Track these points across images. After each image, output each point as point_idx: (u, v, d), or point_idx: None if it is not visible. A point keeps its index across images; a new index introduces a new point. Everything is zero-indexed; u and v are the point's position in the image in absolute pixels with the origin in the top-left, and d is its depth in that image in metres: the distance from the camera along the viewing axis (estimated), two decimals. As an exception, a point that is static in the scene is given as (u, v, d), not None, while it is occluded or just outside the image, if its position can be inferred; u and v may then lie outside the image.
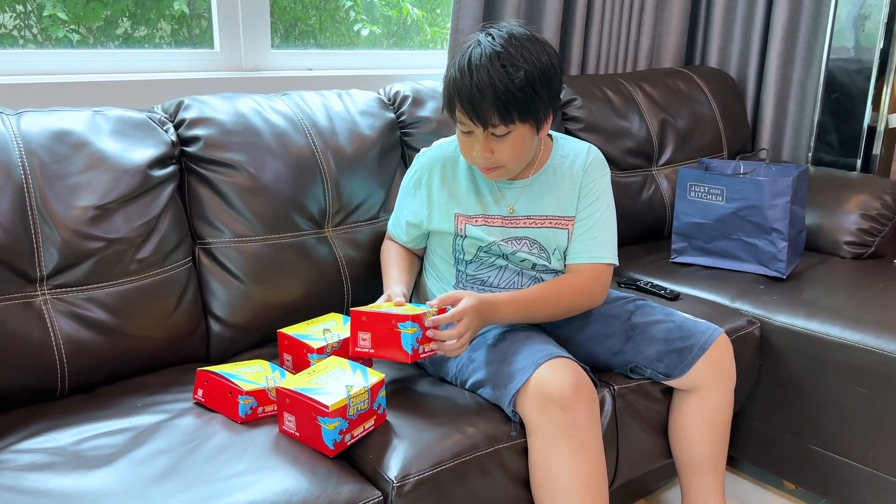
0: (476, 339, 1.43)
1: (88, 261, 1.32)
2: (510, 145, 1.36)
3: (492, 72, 1.28)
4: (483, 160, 1.37)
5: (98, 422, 1.23)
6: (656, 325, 1.51)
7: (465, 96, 1.30)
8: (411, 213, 1.53)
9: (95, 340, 1.33)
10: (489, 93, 1.28)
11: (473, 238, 1.47)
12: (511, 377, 1.30)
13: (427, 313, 1.26)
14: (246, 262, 1.51)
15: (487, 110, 1.29)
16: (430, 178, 1.50)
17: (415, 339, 1.25)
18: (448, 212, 1.48)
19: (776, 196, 1.88)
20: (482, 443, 1.24)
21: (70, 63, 1.75)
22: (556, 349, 1.35)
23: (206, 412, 1.27)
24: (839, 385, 1.69)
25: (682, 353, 1.48)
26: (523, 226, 1.48)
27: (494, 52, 1.30)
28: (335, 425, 1.16)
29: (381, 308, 1.29)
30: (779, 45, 2.54)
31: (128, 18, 2.26)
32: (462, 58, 1.32)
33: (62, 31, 2.16)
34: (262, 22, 1.95)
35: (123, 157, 1.39)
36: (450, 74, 1.33)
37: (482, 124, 1.32)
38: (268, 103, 1.64)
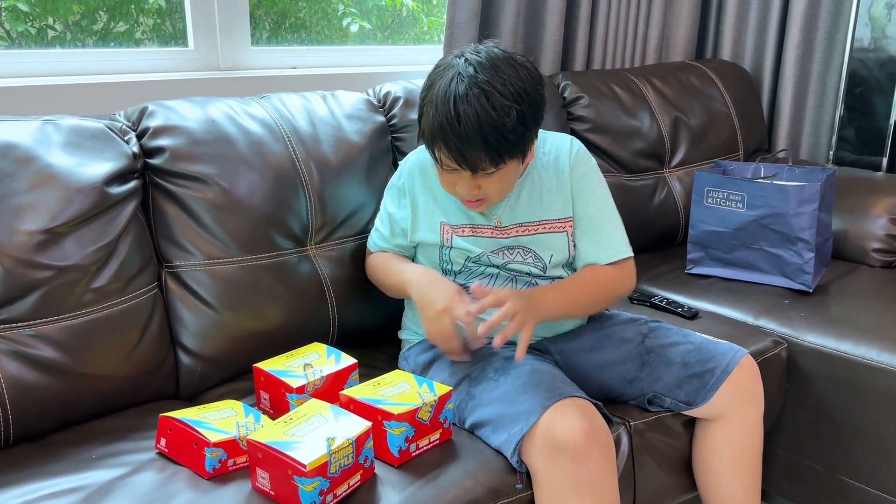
0: (476, 372, 1.28)
1: (35, 293, 1.17)
2: (497, 181, 1.26)
3: (481, 115, 1.16)
4: (469, 196, 1.28)
5: (46, 478, 1.07)
6: (673, 347, 1.37)
7: (451, 142, 1.18)
8: (397, 224, 1.42)
9: (44, 382, 1.17)
10: (479, 140, 1.17)
11: (460, 249, 1.37)
12: (515, 421, 1.15)
13: (422, 408, 1.14)
14: (218, 286, 1.35)
15: (477, 157, 1.19)
16: (414, 186, 1.39)
17: (403, 440, 1.12)
18: (433, 221, 1.38)
19: (803, 203, 1.72)
20: (483, 498, 1.09)
21: (24, 64, 1.59)
22: (565, 387, 1.19)
23: (170, 464, 1.12)
24: (875, 413, 1.53)
25: (703, 377, 1.33)
26: (515, 234, 1.37)
27: (481, 92, 1.17)
28: (314, 486, 1.00)
29: (368, 396, 1.15)
30: (797, 37, 2.37)
31: (105, 13, 2.10)
32: (444, 96, 1.18)
33: (22, 26, 1.99)
34: (240, 17, 1.79)
35: (76, 172, 1.23)
36: (431, 114, 1.20)
37: (470, 169, 1.22)
38: (243, 108, 1.47)
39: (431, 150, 1.24)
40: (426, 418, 1.13)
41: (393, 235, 1.43)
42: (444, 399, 1.16)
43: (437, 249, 1.39)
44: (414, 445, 1.13)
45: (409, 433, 1.11)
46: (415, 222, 1.40)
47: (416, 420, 1.12)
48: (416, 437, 1.13)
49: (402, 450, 1.12)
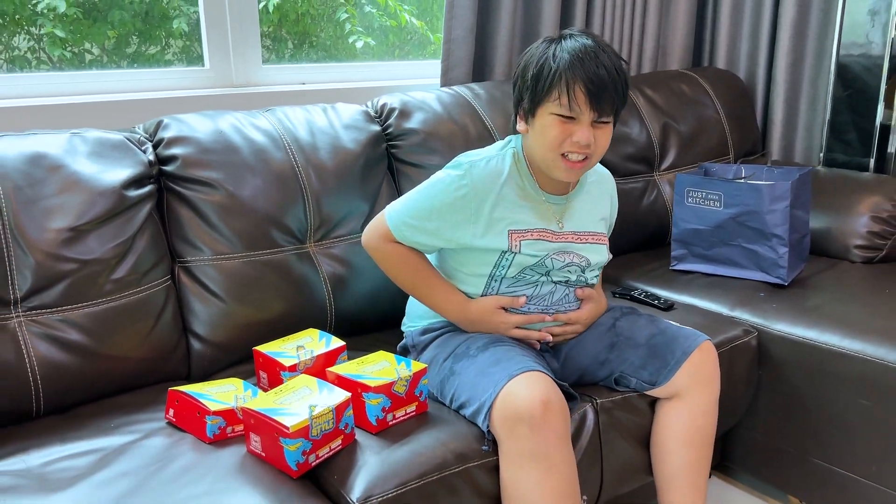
0: (461, 349, 1.40)
1: (62, 282, 1.34)
2: (605, 136, 1.37)
3: (612, 59, 1.32)
4: (583, 148, 1.35)
5: (69, 443, 1.24)
6: (640, 330, 1.49)
7: (591, 75, 1.30)
8: (446, 227, 1.42)
9: (71, 362, 1.34)
10: (613, 78, 1.31)
11: (527, 254, 1.41)
12: (484, 390, 1.27)
13: (397, 382, 1.26)
14: (226, 279, 1.51)
15: (609, 99, 1.32)
16: (483, 197, 1.40)
17: (380, 410, 1.25)
18: (501, 229, 1.41)
19: (775, 200, 1.82)
20: (451, 461, 1.22)
21: (60, 85, 1.77)
22: (532, 363, 1.31)
23: (177, 432, 1.27)
24: (842, 397, 1.63)
25: (664, 358, 1.45)
26: (571, 241, 1.47)
27: (603, 42, 1.35)
28: (297, 446, 1.15)
29: (351, 372, 1.29)
30: (787, 43, 2.47)
31: (137, 37, 2.30)
32: (572, 45, 1.32)
33: (58, 50, 2.20)
34: (252, 38, 1.96)
35: (98, 178, 1.40)
36: (562, 58, 1.32)
37: (598, 110, 1.32)
38: (249, 120, 1.64)
39: (564, 92, 1.31)
40: (402, 391, 1.27)
41: (429, 235, 1.43)
42: (418, 375, 1.29)
43: (497, 255, 1.42)
44: (391, 415, 1.27)
45: (385, 404, 1.25)
46: (479, 231, 1.40)
47: (392, 392, 1.26)
48: (392, 407, 1.26)
49: (380, 419, 1.25)
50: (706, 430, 1.47)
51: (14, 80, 1.73)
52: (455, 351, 1.41)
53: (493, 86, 2.05)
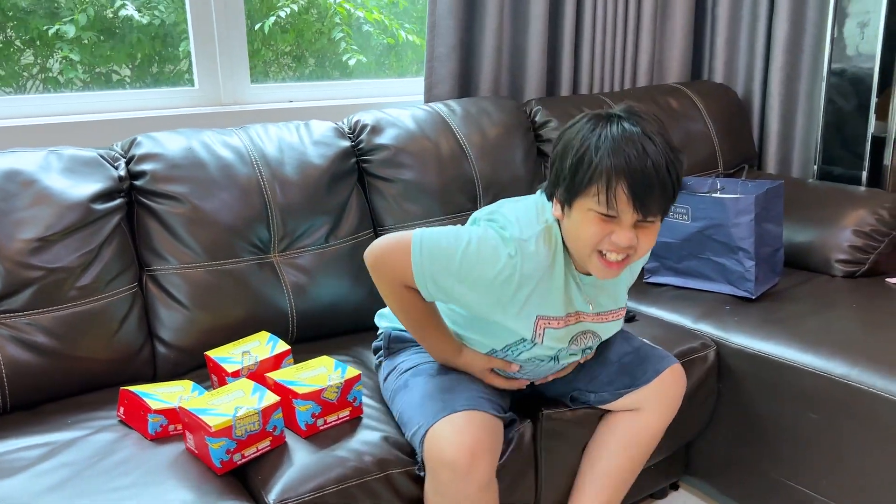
0: (423, 366, 1.42)
1: (30, 288, 1.45)
2: (650, 236, 1.23)
3: (665, 157, 1.16)
4: (625, 250, 1.21)
5: (27, 436, 1.34)
6: (612, 348, 1.51)
7: (637, 179, 1.14)
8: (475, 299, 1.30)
9: (38, 362, 1.45)
10: (663, 180, 1.16)
11: (547, 346, 1.34)
12: (422, 418, 1.28)
13: (327, 388, 1.33)
14: (190, 288, 1.60)
15: (657, 200, 1.17)
16: (526, 282, 1.28)
17: (310, 415, 1.32)
18: (530, 316, 1.31)
19: (740, 214, 1.83)
20: (373, 468, 1.28)
21: (58, 105, 1.91)
22: (479, 395, 1.32)
23: (125, 429, 1.37)
24: (792, 410, 1.63)
25: (634, 375, 1.47)
26: (592, 321, 1.38)
27: (659, 136, 1.18)
28: (221, 445, 1.23)
29: (286, 378, 1.36)
30: (781, 57, 2.46)
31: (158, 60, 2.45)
32: (621, 137, 1.16)
33: (73, 73, 2.36)
34: (240, 59, 2.07)
35: (68, 192, 1.51)
36: (607, 154, 1.15)
37: (643, 212, 1.17)
38: (222, 137, 1.73)
39: (605, 190, 1.16)
40: (333, 398, 1.34)
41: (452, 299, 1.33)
42: (350, 382, 1.36)
43: (516, 339, 1.34)
44: (321, 420, 1.33)
45: (314, 410, 1.32)
46: (510, 316, 1.30)
47: (322, 399, 1.32)
48: (322, 413, 1.33)
49: (309, 424, 1.32)
50: (646, 447, 1.49)
51: (14, 101, 1.87)
52: (418, 365, 1.42)
53: (470, 102, 2.10)
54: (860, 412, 1.51)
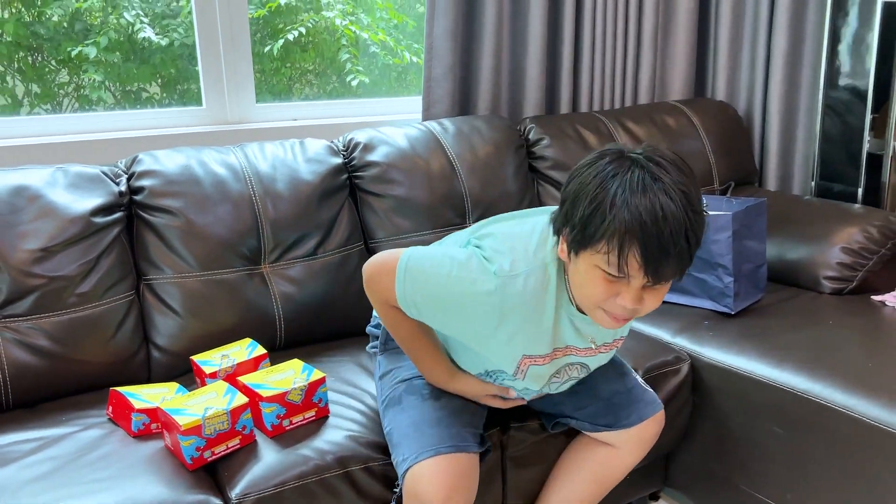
0: (417, 381, 1.43)
1: (32, 295, 1.57)
2: (660, 296, 1.15)
3: (688, 223, 1.06)
4: (629, 312, 1.15)
5: (24, 431, 1.45)
6: (605, 384, 1.50)
7: (651, 245, 1.05)
8: (463, 332, 1.31)
9: (38, 363, 1.57)
10: (682, 248, 1.07)
11: (529, 381, 1.34)
12: (408, 450, 1.32)
13: (291, 391, 1.41)
14: (183, 296, 1.71)
15: (671, 267, 1.08)
16: (517, 326, 1.25)
17: (275, 416, 1.41)
18: (515, 353, 1.29)
19: (717, 231, 1.87)
20: (333, 465, 1.36)
21: (73, 124, 2.04)
22: (456, 436, 1.33)
23: (112, 426, 1.47)
24: (760, 424, 1.66)
25: (618, 416, 1.49)
26: (582, 354, 1.34)
27: (683, 195, 1.07)
28: (191, 442, 1.32)
29: (254, 381, 1.45)
30: (780, 74, 2.49)
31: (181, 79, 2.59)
32: (641, 194, 1.05)
33: (97, 93, 2.51)
34: (245, 79, 2.18)
35: (71, 207, 1.64)
36: (622, 213, 1.06)
37: (654, 279, 1.09)
38: (219, 155, 1.84)
39: (616, 252, 1.07)
40: (297, 399, 1.42)
41: (437, 324, 1.34)
42: (314, 385, 1.44)
43: (495, 368, 1.34)
44: (287, 421, 1.42)
45: (279, 411, 1.41)
46: (494, 350, 1.30)
47: (287, 401, 1.41)
48: (287, 414, 1.42)
49: (275, 424, 1.41)
50: (614, 480, 1.54)
51: (32, 121, 2.01)
52: (412, 379, 1.44)
53: (463, 121, 2.18)
54: (820, 427, 1.54)
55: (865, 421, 1.46)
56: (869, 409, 1.47)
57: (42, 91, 2.56)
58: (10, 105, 2.52)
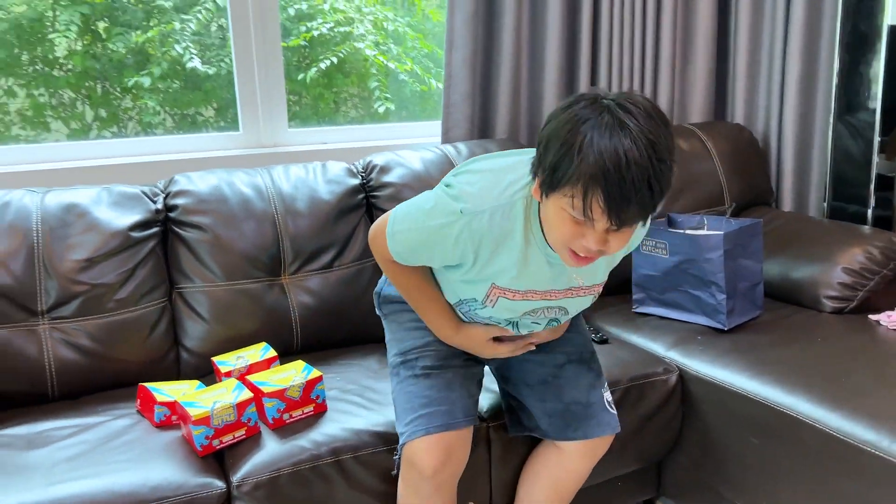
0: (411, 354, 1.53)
1: (77, 299, 1.78)
2: (625, 238, 1.19)
3: (652, 168, 1.09)
4: (593, 251, 1.19)
5: (64, 419, 1.66)
6: (571, 390, 1.57)
7: (613, 192, 1.09)
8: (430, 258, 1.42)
9: (80, 360, 1.78)
10: (643, 193, 1.10)
11: (497, 310, 1.41)
12: (406, 425, 1.47)
13: (290, 388, 1.57)
14: (210, 304, 1.90)
15: (633, 212, 1.12)
16: (480, 246, 1.31)
17: (276, 410, 1.57)
18: (485, 281, 1.35)
19: (710, 250, 1.95)
20: (326, 454, 1.52)
21: (125, 148, 2.28)
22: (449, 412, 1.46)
23: (139, 417, 1.66)
24: (739, 435, 1.74)
25: (568, 425, 1.56)
26: (562, 297, 1.39)
27: (650, 143, 1.09)
28: (201, 431, 1.50)
29: (259, 379, 1.61)
30: (794, 98, 2.55)
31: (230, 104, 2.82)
32: (608, 141, 1.08)
33: (150, 118, 2.76)
34: (279, 106, 2.38)
35: (113, 222, 1.85)
36: (589, 159, 1.09)
37: (618, 224, 1.14)
38: (247, 177, 2.03)
39: (581, 196, 1.12)
40: (296, 395, 1.58)
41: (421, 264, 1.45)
42: (312, 382, 1.60)
43: (470, 297, 1.42)
44: (287, 415, 1.58)
45: (280, 406, 1.57)
46: (464, 274, 1.37)
47: (286, 397, 1.57)
48: (287, 409, 1.58)
49: (276, 418, 1.57)
50: (569, 485, 1.63)
51: (86, 146, 2.25)
52: (407, 354, 1.54)
53: (477, 144, 2.33)
54: (791, 438, 1.61)
55: (831, 433, 1.53)
56: (835, 421, 1.54)
57: (108, 116, 2.83)
58: (81, 129, 2.80)
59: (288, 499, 1.48)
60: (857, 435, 1.49)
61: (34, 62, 2.67)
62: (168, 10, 2.73)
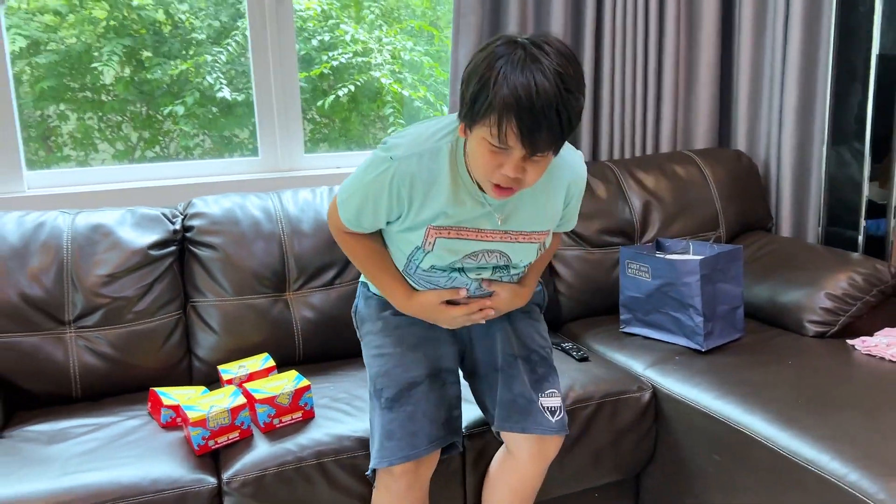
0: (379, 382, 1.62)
1: (99, 311, 1.98)
2: (539, 169, 1.32)
3: (560, 97, 1.21)
4: (511, 182, 1.32)
5: (85, 418, 1.85)
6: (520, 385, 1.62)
7: (524, 117, 1.21)
8: (375, 213, 1.50)
9: (102, 365, 1.97)
10: (552, 120, 1.22)
11: (437, 253, 1.48)
12: (376, 451, 1.58)
13: (280, 395, 1.72)
14: (220, 317, 2.08)
15: (544, 139, 1.24)
16: (412, 189, 1.42)
17: (267, 416, 1.73)
18: (421, 226, 1.45)
19: (687, 274, 2.05)
20: (309, 457, 1.67)
21: (154, 172, 2.48)
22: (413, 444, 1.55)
23: (148, 418, 1.84)
24: (704, 452, 1.83)
25: (511, 417, 1.62)
26: (498, 239, 1.48)
27: (558, 74, 1.22)
28: (198, 432, 1.66)
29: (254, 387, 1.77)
30: (791, 126, 2.62)
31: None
32: (521, 72, 1.21)
33: (186, 142, 2.99)
34: (296, 133, 2.56)
35: (134, 241, 2.04)
36: (503, 88, 1.22)
37: (531, 150, 1.26)
38: (258, 201, 2.21)
39: (496, 125, 1.23)
40: (286, 402, 1.74)
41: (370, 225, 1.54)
42: (300, 391, 1.75)
43: (412, 248, 1.50)
44: (277, 420, 1.74)
45: (270, 411, 1.73)
46: (401, 220, 1.47)
47: (276, 403, 1.73)
48: (277, 414, 1.74)
49: (267, 422, 1.73)
50: (526, 491, 1.71)
51: (118, 170, 2.47)
52: (375, 383, 1.63)
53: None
54: (747, 456, 1.70)
55: (779, 452, 1.62)
56: (784, 440, 1.63)
57: (150, 137, 3.07)
58: (126, 150, 3.04)
59: (272, 496, 1.64)
60: (803, 454, 1.58)
61: (84, 89, 2.93)
62: (204, 41, 2.95)
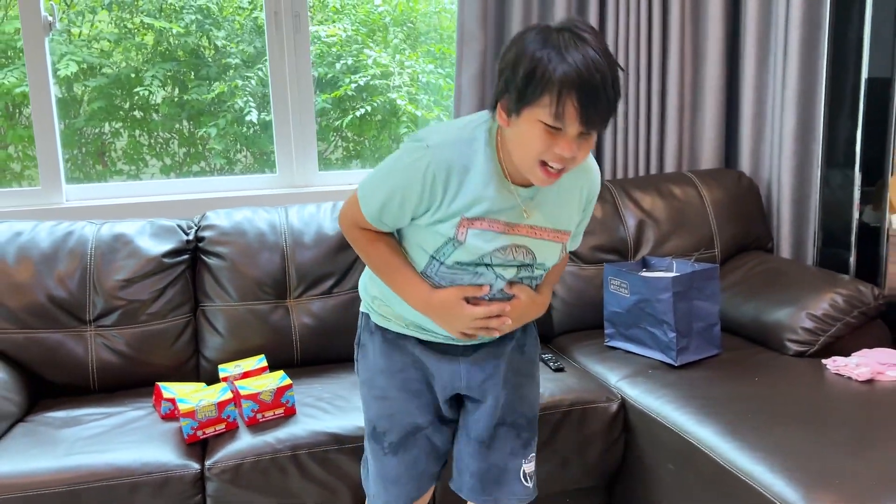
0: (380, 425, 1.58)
1: (116, 312, 2.19)
2: (588, 148, 1.33)
3: (611, 73, 1.26)
4: (566, 161, 1.30)
5: (98, 408, 2.06)
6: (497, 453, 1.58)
7: (585, 93, 1.23)
8: (402, 205, 1.41)
9: (117, 362, 2.18)
10: (609, 96, 1.25)
11: (468, 246, 1.41)
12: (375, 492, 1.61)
13: (263, 392, 1.89)
14: (226, 320, 2.27)
15: (600, 114, 1.26)
16: (448, 177, 1.37)
17: (251, 410, 1.89)
18: (454, 216, 1.39)
19: (660, 291, 2.14)
20: (285, 449, 1.83)
21: (178, 187, 2.71)
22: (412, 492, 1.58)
23: (152, 410, 2.04)
24: (662, 461, 1.91)
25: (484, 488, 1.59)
26: (525, 234, 1.44)
27: (606, 53, 1.27)
28: (187, 423, 1.85)
29: (241, 384, 1.94)
30: (790, 148, 2.66)
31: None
32: (574, 50, 1.24)
33: (218, 160, 3.22)
34: (310, 151, 2.75)
35: (150, 250, 2.26)
36: (561, 66, 1.23)
37: (588, 126, 1.27)
38: (267, 215, 2.40)
39: (555, 102, 1.24)
40: (268, 399, 1.91)
41: (392, 220, 1.45)
42: (282, 389, 1.92)
43: (443, 241, 1.41)
44: (260, 415, 1.91)
45: (254, 407, 1.90)
46: (433, 212, 1.40)
47: (259, 399, 1.90)
48: (260, 409, 1.90)
49: (251, 417, 1.90)
50: None
51: (150, 185, 2.70)
52: (376, 427, 1.59)
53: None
54: (695, 466, 1.77)
55: (720, 463, 1.69)
56: (727, 453, 1.70)
57: (194, 153, 3.33)
58: (173, 164, 3.30)
59: (249, 483, 1.81)
60: (740, 465, 1.65)
61: (133, 108, 3.20)
62: (238, 65, 3.19)
